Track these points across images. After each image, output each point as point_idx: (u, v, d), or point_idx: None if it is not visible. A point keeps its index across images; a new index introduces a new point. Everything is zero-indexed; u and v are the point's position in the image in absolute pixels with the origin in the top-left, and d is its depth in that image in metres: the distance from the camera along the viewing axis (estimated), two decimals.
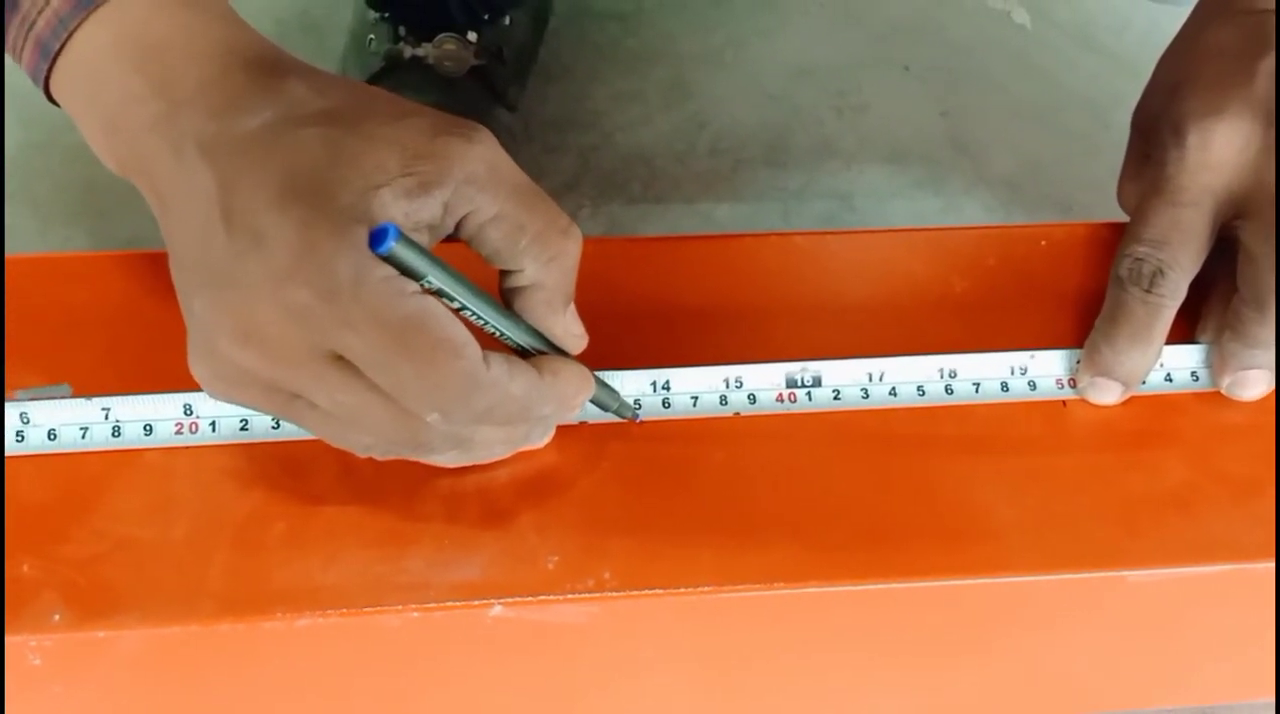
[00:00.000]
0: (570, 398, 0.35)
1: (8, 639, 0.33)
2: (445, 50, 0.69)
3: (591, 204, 0.74)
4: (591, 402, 0.37)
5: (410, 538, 0.35)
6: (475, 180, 0.32)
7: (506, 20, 0.72)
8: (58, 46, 0.33)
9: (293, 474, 0.37)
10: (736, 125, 0.77)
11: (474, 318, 0.33)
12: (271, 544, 0.35)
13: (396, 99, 0.33)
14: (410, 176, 0.31)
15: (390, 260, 0.30)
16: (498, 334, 0.34)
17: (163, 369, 0.37)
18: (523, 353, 0.35)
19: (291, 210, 0.30)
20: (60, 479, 0.36)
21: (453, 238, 0.33)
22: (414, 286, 0.31)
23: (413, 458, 0.35)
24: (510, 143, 0.71)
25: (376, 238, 0.30)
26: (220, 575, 0.34)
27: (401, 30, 0.70)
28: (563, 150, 0.76)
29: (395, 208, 0.30)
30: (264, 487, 0.36)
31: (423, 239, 0.31)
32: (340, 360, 0.31)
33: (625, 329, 0.40)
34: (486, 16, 0.71)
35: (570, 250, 0.34)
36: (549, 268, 0.33)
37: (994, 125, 0.78)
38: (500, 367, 0.32)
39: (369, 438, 0.33)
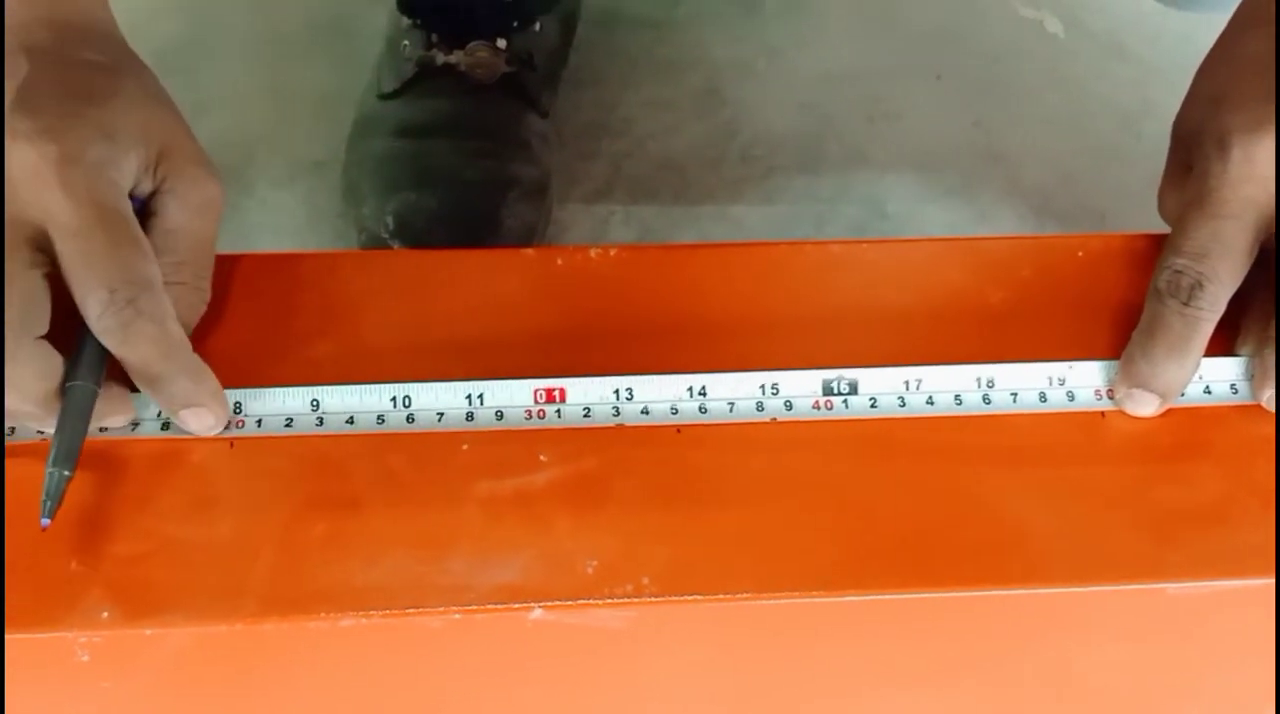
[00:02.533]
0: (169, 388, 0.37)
1: (57, 635, 0.34)
2: (477, 58, 0.70)
3: (623, 210, 0.74)
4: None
5: (450, 540, 0.36)
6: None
7: (536, 26, 0.72)
8: None
9: (334, 476, 0.37)
10: (768, 133, 0.77)
11: None
12: (314, 545, 0.35)
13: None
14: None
15: None
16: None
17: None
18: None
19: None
20: (107, 479, 0.37)
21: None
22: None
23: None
24: (544, 148, 0.72)
25: None
26: (264, 575, 0.35)
27: (434, 37, 0.70)
28: (595, 157, 0.76)
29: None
30: (306, 488, 0.37)
31: None
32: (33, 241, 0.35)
33: (661, 336, 0.40)
34: (516, 24, 0.71)
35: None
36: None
37: (1026, 134, 0.78)
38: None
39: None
